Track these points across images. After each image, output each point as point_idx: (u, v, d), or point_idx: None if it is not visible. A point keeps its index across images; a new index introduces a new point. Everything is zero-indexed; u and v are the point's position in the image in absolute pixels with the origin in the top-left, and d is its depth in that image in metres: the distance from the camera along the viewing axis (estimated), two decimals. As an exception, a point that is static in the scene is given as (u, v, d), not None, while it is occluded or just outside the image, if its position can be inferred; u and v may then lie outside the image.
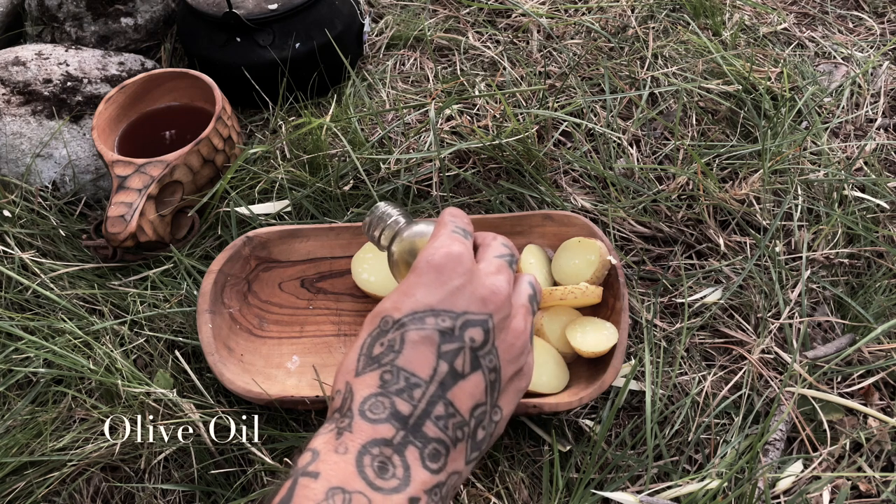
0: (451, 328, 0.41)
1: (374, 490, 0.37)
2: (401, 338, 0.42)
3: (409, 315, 0.42)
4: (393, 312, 0.43)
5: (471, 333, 0.42)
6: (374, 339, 0.43)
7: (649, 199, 0.79)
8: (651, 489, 0.60)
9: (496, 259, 0.46)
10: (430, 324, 0.41)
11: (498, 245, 0.48)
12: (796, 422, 0.64)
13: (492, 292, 0.43)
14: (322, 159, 0.82)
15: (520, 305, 0.46)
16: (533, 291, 0.48)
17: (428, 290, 0.43)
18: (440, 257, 0.43)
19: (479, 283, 0.43)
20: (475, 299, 0.42)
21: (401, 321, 0.42)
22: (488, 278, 0.44)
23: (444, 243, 0.45)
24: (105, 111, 0.82)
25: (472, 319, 0.42)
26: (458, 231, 0.46)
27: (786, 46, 1.00)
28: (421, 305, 0.42)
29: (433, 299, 0.42)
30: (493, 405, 0.43)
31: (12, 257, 0.77)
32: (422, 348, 0.41)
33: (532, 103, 0.91)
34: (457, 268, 0.43)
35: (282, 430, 0.65)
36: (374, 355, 0.42)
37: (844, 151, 0.86)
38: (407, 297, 0.43)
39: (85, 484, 0.64)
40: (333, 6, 0.93)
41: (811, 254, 0.74)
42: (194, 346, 0.71)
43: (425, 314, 0.42)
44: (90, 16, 0.98)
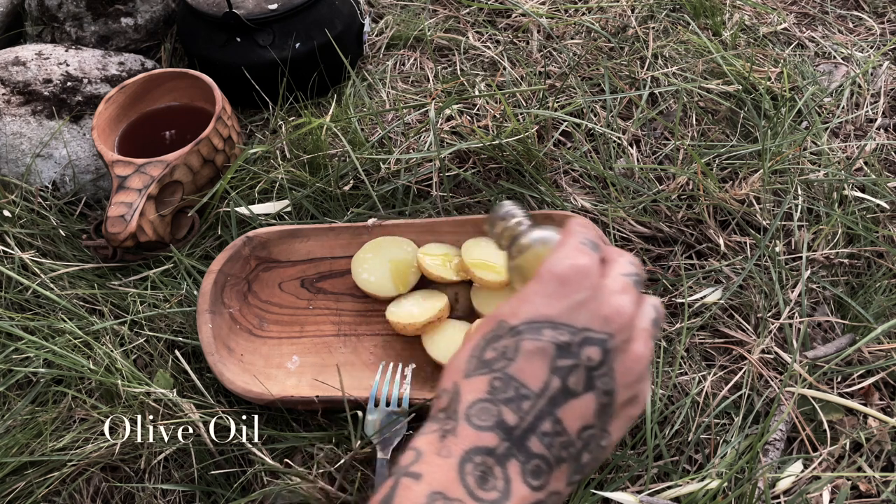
0: (569, 343, 0.40)
1: (473, 500, 0.36)
2: (515, 345, 0.40)
3: (527, 323, 0.41)
4: (510, 318, 0.41)
5: (589, 352, 0.40)
6: (488, 343, 0.42)
7: (649, 199, 0.79)
8: (651, 489, 0.60)
9: (622, 277, 0.43)
10: (548, 336, 0.40)
11: (625, 263, 0.45)
12: (796, 422, 0.64)
13: (616, 311, 0.41)
14: (322, 159, 0.82)
15: (642, 329, 0.43)
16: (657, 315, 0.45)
17: (549, 300, 0.41)
18: (565, 268, 0.42)
19: (603, 301, 0.41)
20: (597, 317, 0.41)
21: (517, 328, 0.41)
22: (613, 296, 0.42)
23: (571, 254, 0.43)
24: (105, 111, 0.82)
25: (591, 337, 0.40)
26: (586, 243, 0.44)
27: (786, 46, 1.00)
28: (539, 315, 0.41)
29: (553, 311, 0.41)
30: (603, 429, 0.41)
31: (12, 257, 0.77)
32: (535, 360, 0.40)
33: (532, 103, 0.91)
34: (582, 281, 0.41)
35: (282, 430, 0.65)
36: (485, 359, 0.41)
37: (844, 151, 0.86)
38: (526, 305, 0.41)
39: (85, 484, 0.64)
40: (333, 6, 0.93)
41: (811, 254, 0.74)
42: (194, 346, 0.71)
43: (543, 325, 0.40)
44: (90, 16, 0.98)
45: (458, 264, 0.71)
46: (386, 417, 0.62)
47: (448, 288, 0.72)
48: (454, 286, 0.72)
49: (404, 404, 0.63)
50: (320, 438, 0.63)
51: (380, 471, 0.59)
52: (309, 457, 0.63)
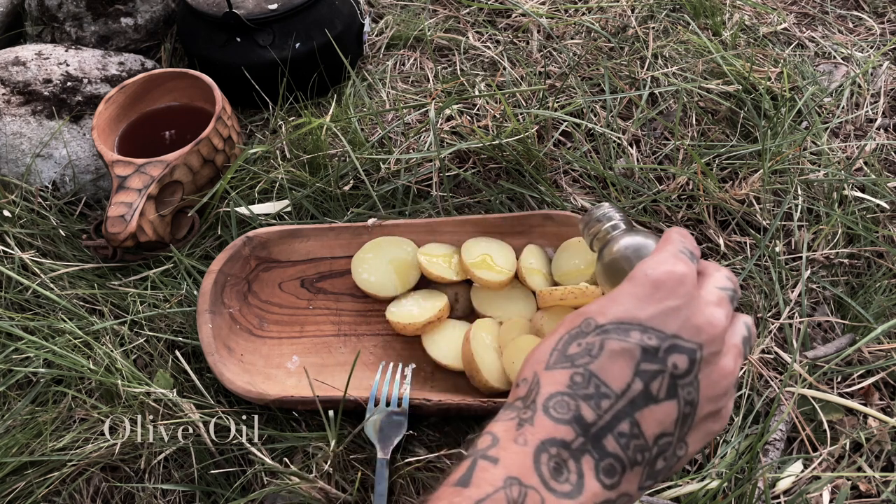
0: (656, 348, 0.39)
1: (547, 490, 0.37)
2: (600, 344, 0.40)
3: (615, 323, 0.40)
4: (598, 316, 0.41)
5: (675, 359, 0.39)
6: (573, 338, 0.41)
7: (649, 199, 0.79)
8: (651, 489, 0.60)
9: (718, 290, 0.43)
10: (635, 338, 0.39)
11: (722, 277, 0.44)
12: (796, 422, 0.64)
13: (708, 322, 0.40)
14: (322, 159, 0.82)
15: (732, 344, 0.42)
16: (749, 334, 0.44)
17: (640, 303, 0.40)
18: (661, 273, 0.41)
19: (696, 310, 0.41)
20: (689, 325, 0.40)
21: (604, 327, 0.40)
22: (707, 307, 0.41)
23: (668, 260, 0.42)
24: (105, 111, 0.82)
25: (680, 345, 0.40)
26: (685, 252, 0.43)
27: (786, 46, 1.00)
28: (629, 316, 0.40)
29: (644, 314, 0.40)
30: (681, 439, 0.40)
31: (12, 257, 0.77)
32: (620, 360, 0.39)
33: (532, 103, 0.91)
34: (677, 288, 0.41)
35: (282, 430, 0.65)
36: (568, 353, 0.40)
37: (844, 151, 0.86)
38: (616, 305, 0.41)
39: (85, 484, 0.64)
40: (333, 6, 0.93)
41: (811, 254, 0.74)
42: (194, 346, 0.71)
43: (632, 327, 0.40)
44: (90, 16, 0.98)
45: (458, 264, 0.71)
46: (386, 417, 0.62)
47: (448, 288, 0.72)
48: (454, 286, 0.72)
49: (404, 404, 0.63)
50: (320, 438, 0.63)
51: (379, 471, 0.59)
52: (309, 457, 0.63)
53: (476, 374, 0.63)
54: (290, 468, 0.61)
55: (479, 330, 0.66)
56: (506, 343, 0.65)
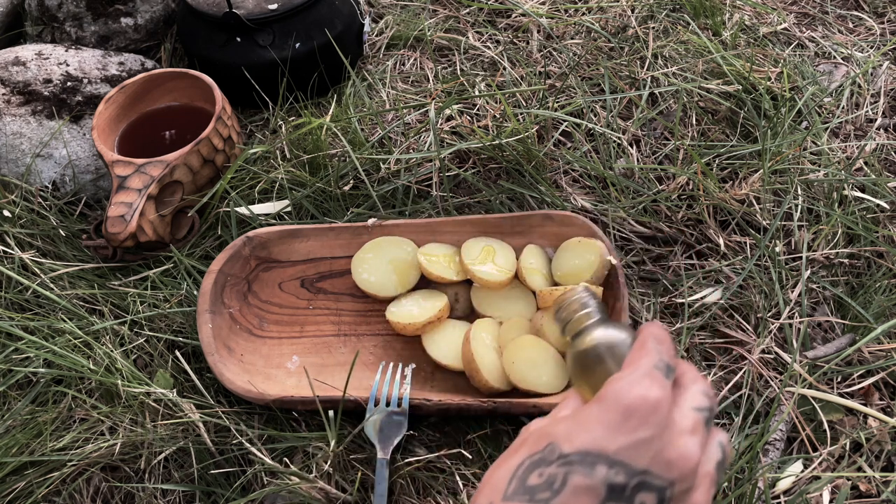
0: (623, 486, 0.36)
1: None
2: (563, 478, 0.37)
3: (580, 454, 0.37)
4: (563, 443, 0.38)
5: (643, 498, 0.36)
6: (534, 466, 0.38)
7: (649, 199, 0.79)
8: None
9: (693, 413, 0.39)
10: (601, 473, 0.36)
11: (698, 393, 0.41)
12: (796, 422, 0.64)
13: (681, 456, 0.37)
14: (322, 159, 0.82)
15: (705, 474, 0.39)
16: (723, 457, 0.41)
17: (608, 432, 0.37)
18: (634, 398, 0.38)
19: (668, 442, 0.37)
20: (660, 460, 0.37)
21: (569, 457, 0.37)
22: (681, 438, 0.38)
23: (643, 382, 0.38)
24: (105, 111, 0.82)
25: (649, 482, 0.36)
26: (660, 368, 0.40)
27: (786, 46, 1.00)
28: (595, 447, 0.37)
29: (612, 445, 0.37)
30: None
31: (12, 257, 0.77)
32: (583, 499, 0.36)
33: (532, 103, 0.91)
34: (649, 417, 0.37)
35: (282, 430, 0.65)
36: (528, 484, 0.37)
37: (844, 151, 0.86)
38: (583, 431, 0.38)
39: (85, 484, 0.64)
40: (333, 6, 0.93)
41: (811, 254, 0.74)
42: (194, 346, 0.71)
43: (598, 459, 0.37)
44: (90, 16, 0.98)
45: (458, 264, 0.71)
46: (386, 417, 0.62)
47: (448, 288, 0.72)
48: (454, 286, 0.72)
49: (404, 404, 0.63)
50: (320, 438, 0.63)
51: (379, 471, 0.59)
52: (309, 457, 0.63)
53: (476, 374, 0.63)
54: (290, 468, 0.61)
55: (479, 330, 0.66)
56: (506, 343, 0.65)
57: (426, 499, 0.61)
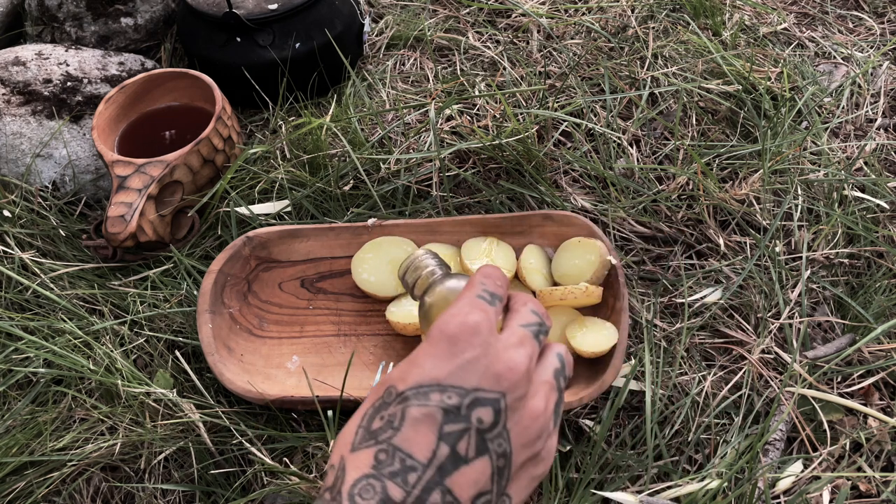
0: (458, 406, 0.37)
1: None
2: (401, 413, 0.38)
3: (414, 388, 0.38)
4: (398, 383, 0.39)
5: (479, 413, 0.37)
6: (376, 412, 0.39)
7: (649, 199, 0.79)
8: (651, 489, 0.60)
9: (520, 329, 0.41)
10: (435, 400, 0.37)
11: (526, 312, 0.43)
12: (796, 422, 0.64)
13: (508, 368, 0.39)
14: (322, 159, 0.82)
15: (542, 382, 0.41)
16: (561, 365, 0.43)
17: (437, 361, 0.39)
18: (454, 326, 0.39)
19: (494, 357, 0.39)
20: (488, 375, 0.38)
21: (404, 394, 0.38)
22: (507, 351, 0.39)
23: (463, 310, 0.40)
24: (105, 111, 0.82)
25: (482, 398, 0.38)
26: (483, 296, 0.42)
27: (786, 46, 1.00)
28: (427, 378, 0.38)
29: (441, 372, 0.38)
30: (501, 493, 0.38)
31: (12, 257, 0.77)
32: (422, 427, 0.37)
33: (532, 103, 0.91)
34: (472, 339, 0.39)
35: (282, 430, 0.65)
36: (372, 429, 0.38)
37: (844, 151, 0.86)
38: (414, 368, 0.39)
39: (85, 484, 0.64)
40: (333, 6, 0.93)
41: (811, 254, 0.74)
42: (194, 346, 0.71)
43: (431, 389, 0.38)
44: (90, 16, 0.98)
45: (458, 264, 0.71)
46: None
47: (448, 288, 0.72)
48: (454, 286, 0.72)
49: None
50: (320, 438, 0.63)
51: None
52: (309, 457, 0.63)
53: (476, 374, 0.63)
54: (290, 468, 0.61)
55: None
56: None
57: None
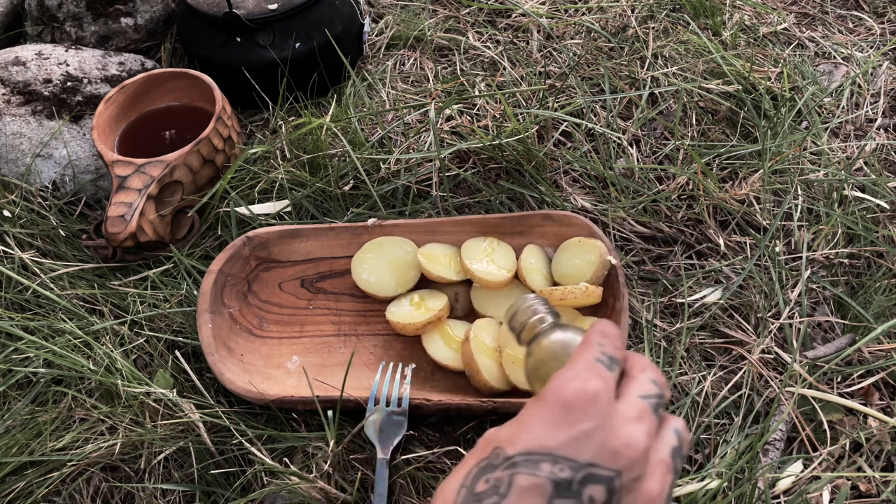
0: (570, 480, 0.35)
1: None
2: (509, 480, 0.36)
3: (524, 454, 0.36)
4: (506, 446, 0.37)
5: (592, 491, 0.35)
6: (481, 472, 0.37)
7: (649, 199, 0.79)
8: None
9: (639, 401, 0.39)
10: (545, 471, 0.36)
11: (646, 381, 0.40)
12: (796, 422, 0.64)
13: (626, 445, 0.36)
14: (322, 159, 0.82)
15: (658, 461, 0.38)
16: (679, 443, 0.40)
17: (550, 429, 0.37)
18: (572, 392, 0.37)
19: (612, 432, 0.37)
20: (605, 451, 0.36)
21: (513, 459, 0.36)
22: (625, 426, 0.37)
23: (581, 375, 0.38)
24: (105, 111, 0.82)
25: (596, 474, 0.36)
26: (602, 360, 0.39)
27: (786, 46, 1.00)
28: (538, 446, 0.36)
29: (554, 441, 0.36)
30: None
31: (12, 257, 0.77)
32: (530, 498, 0.35)
33: (532, 103, 0.91)
34: (589, 408, 0.37)
35: (282, 430, 0.65)
36: (476, 491, 0.37)
37: (844, 151, 0.86)
38: (524, 433, 0.37)
39: (85, 484, 0.64)
40: (333, 6, 0.93)
41: (811, 254, 0.74)
42: (194, 346, 0.71)
43: (542, 457, 0.36)
44: (90, 16, 0.98)
45: (458, 264, 0.71)
46: (386, 417, 0.62)
47: (448, 288, 0.72)
48: (454, 286, 0.72)
49: (404, 404, 0.63)
50: (320, 438, 0.63)
51: (379, 471, 0.59)
52: (309, 457, 0.63)
53: (476, 374, 0.63)
54: (290, 468, 0.61)
55: (479, 330, 0.66)
56: (506, 343, 0.65)
57: (426, 499, 0.61)
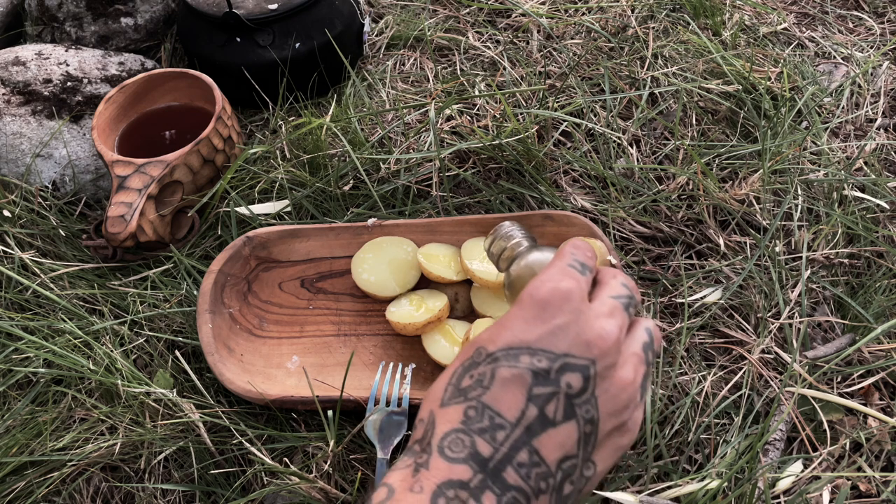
0: (547, 370, 0.38)
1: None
2: (491, 373, 0.39)
3: (504, 350, 0.39)
4: (488, 344, 0.40)
5: (568, 378, 0.38)
6: (465, 370, 0.40)
7: (649, 199, 0.79)
8: (651, 489, 0.60)
9: (611, 300, 0.42)
10: (525, 362, 0.38)
11: (616, 284, 0.43)
12: (796, 422, 0.64)
13: (598, 336, 0.39)
14: (322, 159, 0.82)
15: (631, 353, 0.41)
16: (650, 339, 0.43)
17: (527, 325, 0.39)
18: (546, 292, 0.40)
19: (585, 325, 0.39)
20: (579, 342, 0.39)
21: (494, 355, 0.39)
22: (598, 320, 0.40)
23: (554, 277, 0.41)
24: (105, 111, 0.82)
25: (571, 363, 0.38)
26: (574, 265, 0.42)
27: (786, 46, 1.00)
28: (517, 341, 0.39)
29: (531, 336, 0.39)
30: (586, 459, 0.39)
31: (12, 257, 0.77)
32: (511, 388, 0.38)
33: (532, 103, 0.91)
34: (563, 305, 0.40)
35: (282, 430, 0.65)
36: (461, 387, 0.39)
37: (844, 151, 0.86)
38: (504, 330, 0.40)
39: (85, 484, 0.64)
40: (333, 6, 0.93)
41: (811, 254, 0.74)
42: (194, 346, 0.71)
43: (521, 351, 0.39)
44: (90, 16, 0.98)
45: (458, 264, 0.71)
46: (386, 417, 0.62)
47: (448, 288, 0.72)
48: (454, 286, 0.72)
49: (404, 404, 0.63)
50: (320, 438, 0.63)
51: (380, 471, 0.59)
52: (309, 457, 0.63)
53: (476, 374, 0.63)
54: (290, 468, 0.61)
55: (479, 330, 0.66)
56: None
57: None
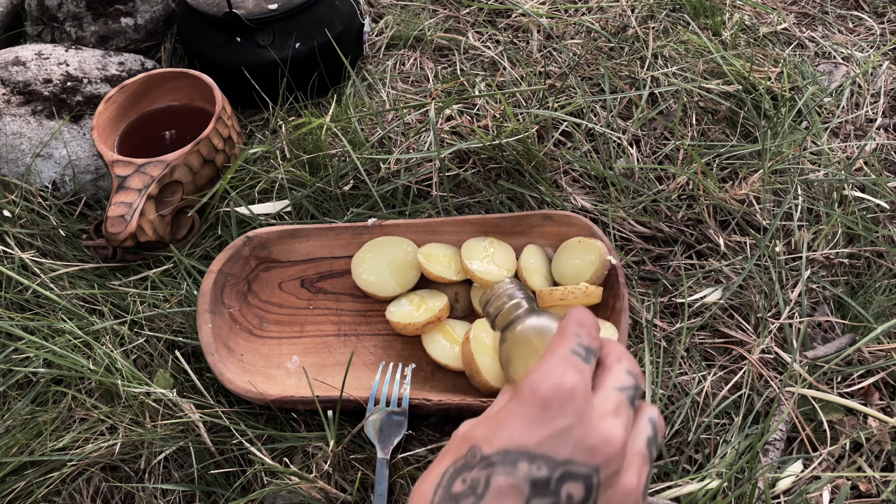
0: (547, 479, 0.35)
1: None
2: (486, 480, 0.35)
3: (500, 453, 0.36)
4: (483, 444, 0.37)
5: (570, 488, 0.35)
6: (457, 472, 0.37)
7: (649, 199, 0.79)
8: (651, 489, 0.60)
9: (616, 393, 0.38)
10: (523, 470, 0.35)
11: (621, 372, 0.40)
12: (796, 422, 0.64)
13: (604, 440, 0.36)
14: (322, 159, 0.82)
15: (635, 454, 0.38)
16: (654, 433, 0.39)
17: (527, 426, 0.36)
18: (548, 389, 0.36)
19: (589, 428, 0.36)
20: (582, 447, 0.36)
21: (490, 458, 0.36)
22: (602, 421, 0.37)
23: (557, 370, 0.37)
24: (105, 111, 0.82)
25: (573, 472, 0.35)
26: (578, 352, 0.39)
27: (786, 46, 1.00)
28: (515, 445, 0.36)
29: (531, 440, 0.36)
30: None
31: (12, 257, 0.77)
32: (507, 499, 0.35)
33: (532, 103, 0.91)
34: (566, 404, 0.36)
35: (282, 430, 0.65)
36: (453, 492, 0.36)
37: (844, 151, 0.86)
38: (501, 430, 0.37)
39: (85, 484, 0.64)
40: (333, 6, 0.93)
41: (811, 254, 0.74)
42: (194, 346, 0.71)
43: (519, 456, 0.35)
44: (90, 16, 0.98)
45: (458, 264, 0.71)
46: (386, 417, 0.62)
47: (448, 288, 0.72)
48: (454, 286, 0.72)
49: (404, 404, 0.63)
50: (320, 438, 0.63)
51: (380, 470, 0.59)
52: (308, 457, 0.63)
53: (476, 374, 0.63)
54: (290, 468, 0.61)
55: (479, 330, 0.66)
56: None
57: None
